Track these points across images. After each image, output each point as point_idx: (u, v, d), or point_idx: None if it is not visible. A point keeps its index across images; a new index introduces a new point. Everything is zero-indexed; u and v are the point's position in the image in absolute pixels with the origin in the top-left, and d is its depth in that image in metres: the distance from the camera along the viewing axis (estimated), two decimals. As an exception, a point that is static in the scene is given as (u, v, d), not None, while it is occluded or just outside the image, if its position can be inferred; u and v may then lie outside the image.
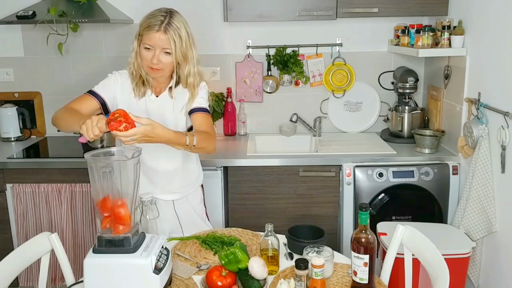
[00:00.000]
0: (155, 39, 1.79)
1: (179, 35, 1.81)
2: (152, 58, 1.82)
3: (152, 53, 1.82)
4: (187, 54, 1.86)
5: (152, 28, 1.79)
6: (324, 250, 1.65)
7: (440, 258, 1.54)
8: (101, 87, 1.96)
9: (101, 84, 1.97)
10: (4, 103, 3.16)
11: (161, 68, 1.85)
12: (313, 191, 2.69)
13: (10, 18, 2.77)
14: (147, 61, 1.84)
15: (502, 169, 2.18)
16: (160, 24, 1.78)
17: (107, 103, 1.94)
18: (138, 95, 1.95)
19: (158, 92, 1.98)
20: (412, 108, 3.05)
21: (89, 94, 1.94)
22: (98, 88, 1.95)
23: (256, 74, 3.13)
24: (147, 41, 1.81)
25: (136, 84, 1.94)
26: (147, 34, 1.80)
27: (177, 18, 1.84)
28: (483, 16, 2.37)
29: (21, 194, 2.69)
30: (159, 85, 1.98)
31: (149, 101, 1.96)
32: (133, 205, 1.49)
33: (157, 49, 1.81)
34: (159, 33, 1.79)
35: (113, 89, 1.96)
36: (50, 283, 2.75)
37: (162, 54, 1.82)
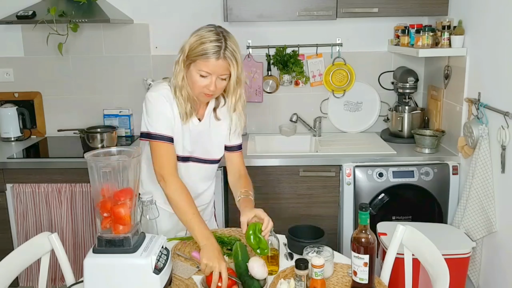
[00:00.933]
0: (214, 66, 1.67)
1: (236, 59, 1.70)
2: (209, 85, 1.71)
3: (208, 79, 1.70)
4: (241, 79, 1.77)
5: (211, 56, 1.66)
6: (324, 250, 1.65)
7: (440, 258, 1.54)
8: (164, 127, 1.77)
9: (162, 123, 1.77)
10: (4, 103, 3.16)
11: (215, 93, 1.77)
12: (313, 191, 2.69)
13: (10, 18, 2.77)
14: (201, 88, 1.72)
15: (502, 169, 2.18)
16: (218, 50, 1.66)
17: None
18: (184, 118, 1.80)
19: (199, 115, 1.87)
20: (412, 108, 3.05)
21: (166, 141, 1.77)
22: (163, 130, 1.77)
23: (256, 74, 3.13)
24: (204, 68, 1.68)
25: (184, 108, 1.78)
26: (204, 62, 1.67)
27: (232, 40, 1.72)
28: (483, 16, 2.37)
29: (21, 194, 2.69)
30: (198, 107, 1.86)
31: (192, 124, 1.84)
32: (133, 205, 1.49)
33: (214, 76, 1.70)
34: (219, 61, 1.67)
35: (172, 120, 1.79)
36: (50, 283, 2.75)
37: (218, 80, 1.72)
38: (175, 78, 1.76)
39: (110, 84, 3.20)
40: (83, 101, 3.22)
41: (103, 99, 3.20)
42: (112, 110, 3.18)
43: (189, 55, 1.70)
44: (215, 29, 1.72)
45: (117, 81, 3.19)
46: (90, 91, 3.21)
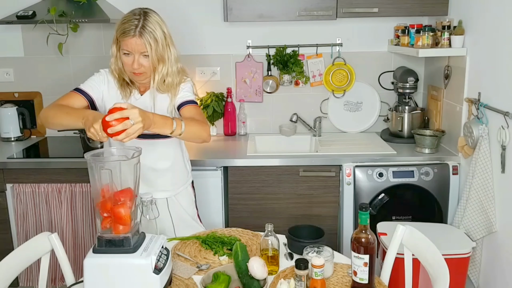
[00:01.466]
0: (131, 44, 1.78)
1: (155, 37, 1.80)
2: (133, 63, 1.81)
3: (131, 58, 1.81)
4: (163, 56, 1.85)
5: (127, 34, 1.77)
6: (324, 250, 1.65)
7: (440, 258, 1.54)
8: (89, 86, 1.94)
9: (89, 83, 1.95)
10: (4, 103, 3.16)
11: (144, 72, 1.85)
12: (313, 191, 2.69)
13: (10, 18, 2.77)
14: (128, 66, 1.84)
15: (502, 169, 2.18)
16: (134, 28, 1.77)
17: (95, 102, 1.94)
18: (125, 96, 1.95)
19: (142, 91, 1.98)
20: (412, 108, 3.05)
21: (77, 92, 1.92)
22: (86, 87, 1.94)
23: (256, 74, 3.13)
24: (124, 47, 1.80)
25: (121, 85, 1.94)
26: (123, 40, 1.79)
27: (152, 19, 1.81)
28: (483, 16, 2.37)
29: (21, 194, 2.69)
30: (144, 84, 1.98)
31: (133, 100, 1.96)
32: (133, 205, 1.49)
33: (136, 54, 1.80)
34: (135, 38, 1.77)
35: (100, 89, 1.95)
36: (50, 283, 2.75)
37: (141, 57, 1.82)
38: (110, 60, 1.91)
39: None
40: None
41: (103, 99, 3.20)
42: (112, 110, 3.18)
43: (116, 36, 1.84)
44: (138, 10, 1.83)
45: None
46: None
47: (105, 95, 1.96)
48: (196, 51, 3.12)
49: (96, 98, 1.94)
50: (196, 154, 2.76)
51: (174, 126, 1.69)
